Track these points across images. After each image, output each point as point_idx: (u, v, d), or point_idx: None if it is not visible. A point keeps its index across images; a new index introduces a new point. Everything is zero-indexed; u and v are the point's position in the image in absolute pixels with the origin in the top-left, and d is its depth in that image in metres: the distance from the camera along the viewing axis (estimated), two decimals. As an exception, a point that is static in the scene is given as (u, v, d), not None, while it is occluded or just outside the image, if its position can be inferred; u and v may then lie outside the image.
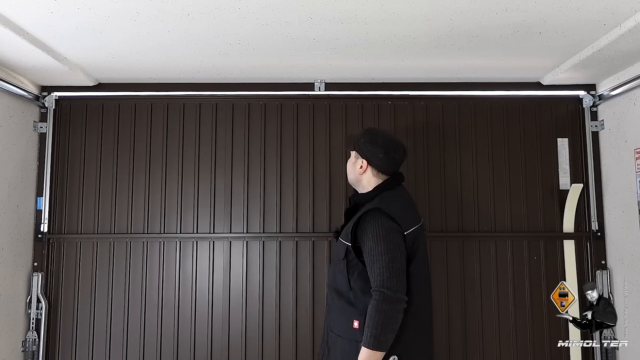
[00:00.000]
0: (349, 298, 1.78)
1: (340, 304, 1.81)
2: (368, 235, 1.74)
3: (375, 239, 1.71)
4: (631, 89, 2.28)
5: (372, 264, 1.71)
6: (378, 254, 1.69)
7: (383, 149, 1.89)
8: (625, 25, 1.81)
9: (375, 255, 1.70)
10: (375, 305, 1.65)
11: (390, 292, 1.65)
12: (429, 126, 2.67)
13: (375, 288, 1.68)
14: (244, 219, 2.62)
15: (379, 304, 1.65)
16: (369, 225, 1.75)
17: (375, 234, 1.72)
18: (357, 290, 1.76)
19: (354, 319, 1.74)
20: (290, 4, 1.67)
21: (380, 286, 1.66)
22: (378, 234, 1.72)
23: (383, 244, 1.70)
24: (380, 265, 1.68)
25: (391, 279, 1.67)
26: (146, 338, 2.56)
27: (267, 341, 2.55)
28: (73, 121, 2.68)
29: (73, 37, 1.97)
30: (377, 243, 1.71)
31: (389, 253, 1.69)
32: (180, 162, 2.65)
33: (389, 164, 1.90)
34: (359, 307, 1.74)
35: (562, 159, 2.64)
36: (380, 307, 1.64)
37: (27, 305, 2.54)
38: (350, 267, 1.79)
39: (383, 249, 1.69)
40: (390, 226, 1.74)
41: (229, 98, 2.68)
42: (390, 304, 1.65)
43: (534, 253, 2.59)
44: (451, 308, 2.55)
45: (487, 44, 2.06)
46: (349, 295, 1.78)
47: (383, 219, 1.74)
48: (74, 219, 2.62)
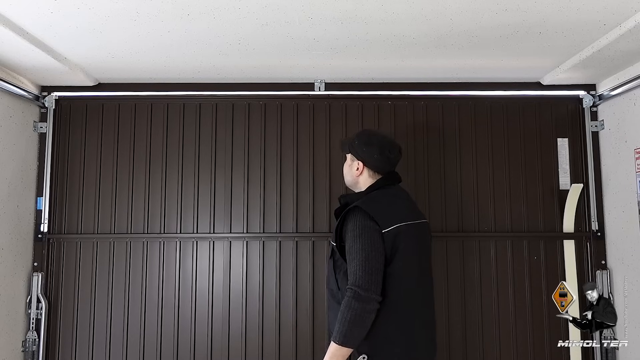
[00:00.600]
0: (339, 298, 1.78)
1: (333, 304, 1.83)
2: (348, 234, 1.76)
3: (352, 237, 1.74)
4: (631, 89, 2.28)
5: (349, 262, 1.73)
6: (354, 252, 1.71)
7: (378, 149, 1.90)
8: (625, 25, 1.81)
9: (352, 253, 1.72)
10: (346, 302, 1.66)
11: (361, 291, 1.66)
12: (429, 126, 2.67)
13: (349, 285, 1.69)
14: (244, 219, 2.62)
15: (350, 301, 1.66)
16: (349, 223, 1.78)
17: (353, 232, 1.74)
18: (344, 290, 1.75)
19: None
20: (290, 4, 1.67)
21: (353, 284, 1.68)
22: (355, 232, 1.74)
23: (359, 242, 1.72)
24: (355, 263, 1.70)
25: (364, 277, 1.67)
26: (146, 338, 2.56)
27: (267, 341, 2.55)
28: (73, 121, 2.68)
29: (73, 37, 1.97)
30: (354, 241, 1.73)
31: (364, 251, 1.70)
32: (180, 162, 2.65)
33: (384, 164, 1.92)
34: None
35: (562, 159, 2.64)
36: (351, 304, 1.65)
37: (27, 305, 2.54)
38: (337, 266, 1.81)
39: (358, 247, 1.71)
40: (366, 224, 1.74)
41: (229, 98, 2.68)
42: (361, 303, 1.65)
43: (534, 253, 2.59)
44: (451, 308, 2.55)
45: (487, 44, 2.06)
46: (338, 295, 1.79)
47: (360, 217, 1.76)
48: (74, 219, 2.62)
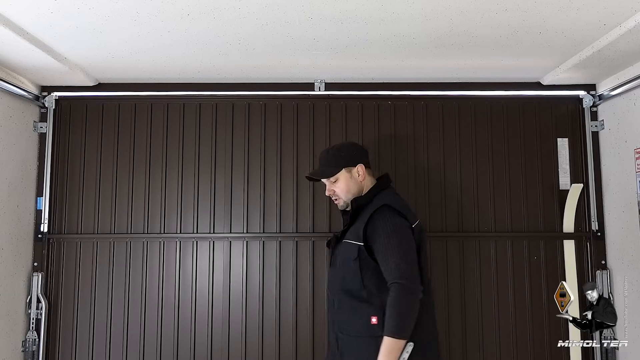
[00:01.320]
0: (362, 296, 1.82)
1: (353, 304, 1.84)
2: (379, 232, 1.80)
3: (387, 235, 1.79)
4: (631, 89, 2.28)
5: (386, 259, 1.77)
6: (392, 249, 1.76)
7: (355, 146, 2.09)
8: (625, 25, 1.81)
9: (389, 249, 1.77)
10: (396, 296, 1.71)
11: (409, 283, 1.72)
12: (429, 126, 2.67)
13: (393, 280, 1.73)
14: (244, 219, 2.62)
15: (400, 294, 1.71)
16: (380, 222, 1.82)
17: (387, 230, 1.79)
18: (371, 287, 1.81)
19: (371, 315, 1.79)
20: (290, 4, 1.67)
21: (399, 278, 1.73)
22: (389, 229, 1.79)
23: (395, 239, 1.78)
24: (395, 258, 1.75)
25: (408, 270, 1.74)
26: (146, 338, 2.56)
27: (267, 341, 2.55)
28: (73, 121, 2.67)
29: (73, 37, 1.97)
30: (389, 238, 1.78)
31: (402, 246, 1.77)
32: (180, 162, 2.65)
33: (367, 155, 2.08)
34: (375, 303, 1.80)
35: (562, 159, 2.64)
36: (401, 297, 1.71)
37: (27, 305, 2.54)
38: (363, 265, 1.83)
39: (396, 243, 1.77)
40: (399, 221, 1.83)
41: (229, 98, 2.68)
42: (410, 294, 1.72)
43: (534, 253, 2.59)
44: (451, 308, 2.55)
45: (487, 44, 2.06)
46: (361, 294, 1.82)
47: (392, 215, 1.83)
48: (74, 219, 2.62)
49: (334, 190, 2.03)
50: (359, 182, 2.00)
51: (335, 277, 1.94)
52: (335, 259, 1.97)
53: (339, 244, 1.96)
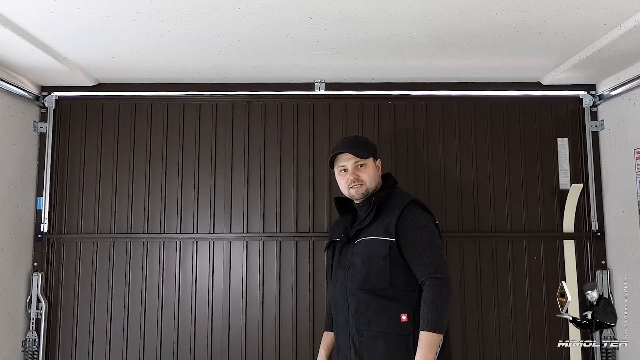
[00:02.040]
0: (390, 294, 1.79)
1: (379, 302, 1.80)
2: (409, 228, 1.81)
3: (418, 230, 1.80)
4: (631, 89, 2.28)
5: (419, 255, 1.77)
6: (425, 244, 1.78)
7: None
8: (625, 25, 1.81)
9: (422, 245, 1.78)
10: (435, 290, 1.71)
11: (445, 277, 1.74)
12: (429, 126, 2.67)
13: (430, 275, 1.74)
14: (244, 219, 2.62)
15: (438, 289, 1.72)
16: (410, 217, 1.83)
17: (419, 225, 1.81)
18: (399, 285, 1.80)
19: (401, 313, 1.77)
20: (290, 4, 1.67)
21: (435, 272, 1.74)
22: (421, 224, 1.82)
23: (427, 234, 1.80)
24: (429, 254, 1.76)
25: (442, 265, 1.76)
26: (146, 338, 2.56)
27: (267, 341, 2.55)
28: (73, 121, 2.67)
29: (73, 37, 1.97)
30: (421, 234, 1.79)
31: (434, 242, 1.79)
32: (180, 162, 2.65)
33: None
34: (404, 300, 1.79)
35: (562, 159, 2.64)
36: (440, 291, 1.71)
37: (27, 305, 2.54)
38: (392, 262, 1.81)
39: (428, 239, 1.79)
40: (426, 217, 1.86)
41: (229, 98, 2.68)
42: (447, 289, 1.74)
43: (534, 253, 2.59)
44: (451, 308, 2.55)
45: (487, 44, 2.06)
46: (388, 292, 1.79)
47: (420, 211, 1.87)
48: (74, 219, 2.62)
49: (358, 175, 1.95)
50: (378, 176, 2.02)
51: (354, 277, 1.85)
52: (350, 258, 1.89)
53: (351, 244, 1.91)
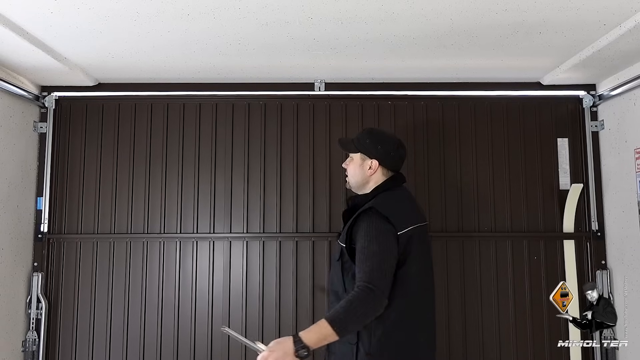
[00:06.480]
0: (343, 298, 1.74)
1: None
2: (361, 234, 1.72)
3: (367, 238, 1.70)
4: (631, 89, 2.28)
5: (361, 262, 1.69)
6: (370, 253, 1.68)
7: (393, 146, 1.89)
8: (625, 25, 1.81)
9: (365, 253, 1.68)
10: (360, 296, 1.62)
11: (377, 290, 1.63)
12: (429, 126, 2.66)
13: (363, 281, 1.64)
14: (244, 219, 2.62)
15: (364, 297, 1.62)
16: (363, 224, 1.74)
17: (368, 234, 1.71)
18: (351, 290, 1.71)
19: None
20: (290, 4, 1.67)
21: (368, 281, 1.64)
22: (370, 233, 1.70)
23: (375, 244, 1.69)
24: (369, 264, 1.67)
25: (379, 279, 1.65)
26: (146, 338, 2.56)
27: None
28: (73, 121, 2.67)
29: (73, 37, 1.97)
30: (369, 242, 1.69)
31: (380, 254, 1.68)
32: (180, 162, 2.65)
33: (398, 161, 1.91)
34: None
35: (562, 159, 2.64)
36: (365, 300, 1.62)
37: (27, 305, 2.54)
38: (345, 269, 1.78)
39: (375, 249, 1.68)
40: (381, 226, 1.72)
41: (229, 98, 2.68)
42: (373, 302, 1.63)
43: (534, 253, 2.59)
44: (451, 308, 2.55)
45: (487, 44, 2.06)
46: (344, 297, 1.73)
47: (376, 219, 1.73)
48: (74, 219, 2.62)
49: (345, 168, 1.98)
50: (365, 175, 1.90)
51: (329, 277, 1.92)
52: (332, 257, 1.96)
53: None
